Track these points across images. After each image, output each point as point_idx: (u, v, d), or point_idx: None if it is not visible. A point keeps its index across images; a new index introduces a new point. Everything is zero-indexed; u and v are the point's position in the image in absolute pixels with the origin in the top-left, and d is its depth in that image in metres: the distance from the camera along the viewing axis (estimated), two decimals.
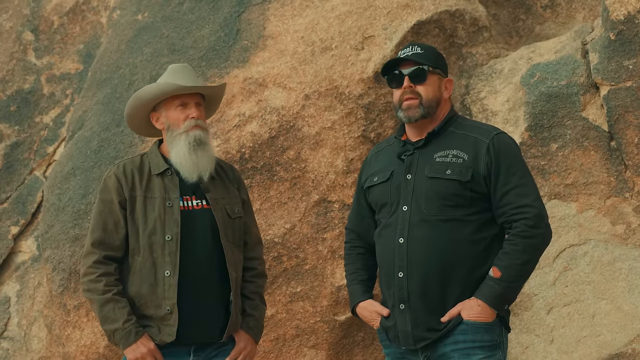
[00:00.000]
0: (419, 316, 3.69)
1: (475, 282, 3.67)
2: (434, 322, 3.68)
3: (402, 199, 3.75)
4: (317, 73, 5.21)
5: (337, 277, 5.15)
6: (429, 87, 3.78)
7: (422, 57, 3.78)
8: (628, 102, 4.76)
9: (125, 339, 3.91)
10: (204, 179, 4.05)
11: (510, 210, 3.66)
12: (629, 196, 4.84)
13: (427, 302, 3.68)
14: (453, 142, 3.75)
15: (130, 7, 6.06)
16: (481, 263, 3.68)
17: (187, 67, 4.20)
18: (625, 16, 4.77)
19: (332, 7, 5.38)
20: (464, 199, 3.66)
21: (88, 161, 5.51)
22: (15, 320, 6.14)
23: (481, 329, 3.65)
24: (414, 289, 3.69)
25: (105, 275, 3.97)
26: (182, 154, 4.02)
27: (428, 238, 3.68)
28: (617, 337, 4.78)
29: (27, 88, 6.58)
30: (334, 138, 5.16)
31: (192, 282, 3.98)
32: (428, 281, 3.68)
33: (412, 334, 3.70)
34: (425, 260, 3.68)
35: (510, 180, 3.67)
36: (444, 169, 3.70)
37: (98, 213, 4.05)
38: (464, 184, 3.66)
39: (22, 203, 6.33)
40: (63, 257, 5.37)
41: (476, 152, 3.70)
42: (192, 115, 4.04)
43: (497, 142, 3.72)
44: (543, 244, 3.68)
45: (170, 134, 4.07)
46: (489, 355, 3.65)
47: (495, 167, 3.68)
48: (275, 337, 5.20)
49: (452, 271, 3.67)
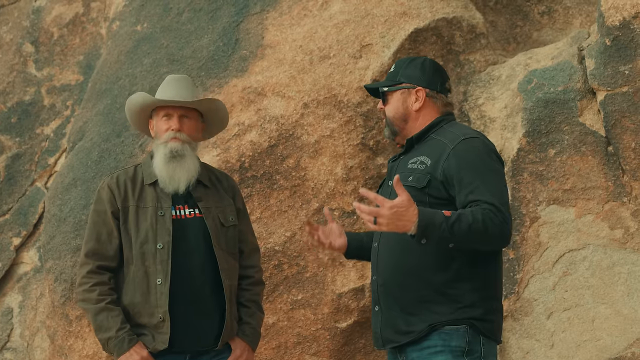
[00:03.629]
0: (386, 318, 3.76)
1: (438, 286, 3.67)
2: (399, 324, 3.72)
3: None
4: (316, 81, 5.23)
5: (337, 285, 5.17)
6: (390, 107, 3.90)
7: (387, 78, 3.92)
8: (624, 107, 4.78)
9: (119, 347, 3.94)
10: (180, 190, 4.09)
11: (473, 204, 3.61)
12: (627, 200, 4.85)
13: (392, 305, 3.74)
14: (426, 148, 3.80)
15: (130, 18, 6.08)
16: (443, 267, 3.68)
17: (183, 78, 4.24)
18: (621, 22, 4.79)
19: (330, 16, 5.40)
20: (424, 204, 3.66)
21: (89, 172, 5.53)
22: (18, 331, 6.15)
23: (449, 334, 3.66)
24: (382, 292, 3.77)
25: (98, 284, 4.00)
26: (160, 164, 4.09)
27: (392, 242, 3.75)
28: (617, 341, 4.78)
29: (27, 100, 6.60)
30: (333, 146, 5.18)
31: (185, 290, 4.00)
32: (392, 284, 3.74)
33: (381, 335, 3.78)
34: (389, 264, 3.75)
35: (472, 182, 3.64)
36: (408, 175, 3.75)
37: (92, 224, 4.09)
38: (420, 189, 3.69)
39: (23, 214, 6.35)
40: (65, 268, 5.39)
41: (438, 157, 3.73)
42: (172, 127, 4.11)
43: (461, 146, 3.72)
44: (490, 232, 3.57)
45: (155, 142, 4.15)
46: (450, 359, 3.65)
47: (454, 170, 3.67)
48: (277, 345, 5.21)
49: (411, 275, 3.70)
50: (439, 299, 3.69)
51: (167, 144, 4.10)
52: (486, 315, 3.73)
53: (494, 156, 3.78)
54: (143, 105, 4.14)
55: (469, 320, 3.68)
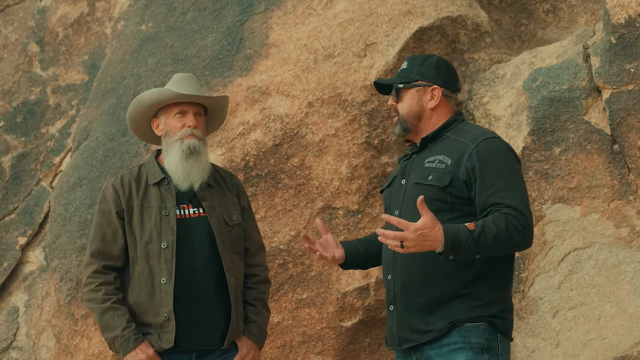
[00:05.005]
0: (403, 317, 3.75)
1: (458, 286, 3.68)
2: (417, 323, 3.71)
3: (395, 204, 3.84)
4: (320, 80, 5.23)
5: (342, 284, 5.17)
6: (404, 104, 3.87)
7: (402, 74, 3.90)
8: (630, 105, 4.77)
9: (125, 346, 3.94)
10: (195, 187, 4.09)
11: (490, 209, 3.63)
12: (633, 199, 4.84)
13: (410, 304, 3.73)
14: (444, 147, 3.80)
15: (134, 18, 6.09)
16: (464, 267, 3.68)
17: (191, 76, 4.24)
18: (626, 20, 4.78)
19: (334, 15, 5.40)
20: (445, 204, 3.68)
21: (94, 171, 5.53)
22: (24, 330, 6.17)
23: (469, 331, 3.66)
24: (399, 291, 3.76)
25: (104, 284, 4.01)
26: (175, 162, 4.07)
27: None
28: (623, 340, 4.78)
29: (33, 99, 6.61)
30: (338, 145, 5.18)
31: (190, 289, 4.01)
32: (410, 283, 3.73)
33: (398, 334, 3.77)
34: (408, 263, 3.73)
35: (494, 184, 3.66)
36: (427, 174, 3.75)
37: (97, 224, 4.09)
38: (442, 189, 3.69)
39: (29, 214, 6.36)
40: (70, 267, 5.40)
41: (460, 157, 3.72)
42: (188, 124, 4.09)
43: (483, 147, 3.73)
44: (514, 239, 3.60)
45: (166, 141, 4.12)
46: (472, 358, 3.65)
47: (476, 171, 3.68)
48: (282, 344, 5.21)
49: (432, 274, 3.70)
50: (458, 298, 3.69)
51: (184, 140, 4.08)
52: (503, 313, 3.74)
53: (512, 156, 3.80)
54: (161, 99, 4.09)
55: (487, 317, 3.69)
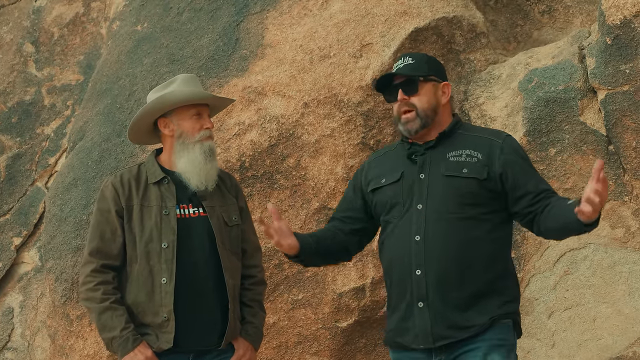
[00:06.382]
0: (438, 314, 3.66)
1: (491, 280, 3.66)
2: (454, 319, 3.65)
3: (415, 198, 3.74)
4: (316, 81, 5.23)
5: (338, 284, 5.17)
6: (423, 97, 3.80)
7: (412, 68, 3.82)
8: (625, 106, 4.78)
9: (123, 347, 3.93)
10: (209, 188, 4.09)
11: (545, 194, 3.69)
12: (628, 200, 4.85)
13: (447, 299, 3.66)
14: (465, 142, 3.78)
15: (130, 18, 6.08)
16: (495, 261, 3.69)
17: (196, 77, 4.26)
18: (622, 20, 4.79)
19: (330, 16, 5.40)
20: (481, 197, 3.68)
21: (89, 172, 5.53)
22: (19, 331, 6.16)
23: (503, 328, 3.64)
24: (433, 286, 3.66)
25: (102, 283, 4.00)
26: (197, 163, 4.06)
27: (446, 235, 3.67)
28: (618, 341, 4.78)
29: (28, 99, 6.60)
30: (334, 145, 5.18)
31: (189, 289, 4.00)
32: (447, 278, 3.66)
33: (432, 332, 3.66)
34: (444, 257, 3.66)
35: (535, 174, 3.75)
36: (460, 167, 3.71)
37: (96, 223, 4.08)
38: (481, 182, 3.68)
39: (24, 214, 6.35)
40: (65, 268, 5.39)
41: (490, 152, 3.73)
42: (206, 125, 4.12)
43: (510, 142, 3.78)
44: None
45: (181, 141, 4.10)
46: (506, 356, 3.63)
47: (515, 162, 3.72)
48: (278, 345, 5.21)
49: (469, 268, 3.66)
50: (492, 293, 3.67)
51: (203, 143, 4.10)
52: (519, 309, 3.76)
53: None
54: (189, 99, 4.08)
55: (513, 315, 3.70)
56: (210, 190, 4.12)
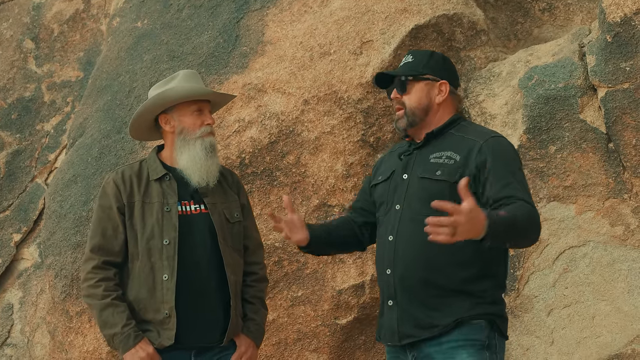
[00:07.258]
0: (405, 313, 3.71)
1: (461, 281, 3.66)
2: (421, 319, 3.68)
3: (396, 198, 3.79)
4: (316, 78, 5.23)
5: (337, 281, 5.17)
6: (412, 96, 3.82)
7: (408, 67, 3.85)
8: (625, 104, 4.78)
9: (124, 343, 3.93)
10: (211, 184, 4.09)
11: (504, 201, 3.60)
12: (628, 197, 4.85)
13: (412, 299, 3.69)
14: (450, 143, 3.77)
15: (130, 15, 6.08)
16: (468, 264, 3.67)
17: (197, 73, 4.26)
18: (622, 18, 4.79)
19: (330, 13, 5.40)
20: (452, 200, 3.64)
21: (89, 168, 5.53)
22: (18, 327, 6.16)
23: (470, 329, 3.64)
24: (400, 286, 3.71)
25: (104, 280, 4.00)
26: (198, 159, 4.06)
27: (413, 236, 3.69)
28: (617, 338, 4.79)
29: (28, 96, 6.60)
30: (334, 142, 5.18)
31: (191, 286, 4.00)
32: (411, 278, 3.69)
33: (398, 330, 3.72)
34: (410, 257, 3.69)
35: (506, 177, 3.63)
36: (435, 169, 3.72)
37: (97, 219, 4.08)
38: (452, 184, 3.66)
39: (24, 210, 6.35)
40: (65, 264, 5.39)
41: (468, 153, 3.70)
42: (207, 121, 4.11)
43: (492, 142, 3.72)
44: (534, 228, 3.57)
45: (182, 138, 4.10)
46: (474, 354, 3.63)
47: (487, 165, 3.66)
48: (277, 342, 5.21)
49: (435, 269, 3.67)
50: (461, 294, 3.67)
51: (205, 139, 4.10)
52: (502, 311, 3.74)
53: (517, 154, 3.80)
54: (190, 95, 4.08)
55: (488, 316, 3.68)
56: (212, 187, 4.12)
